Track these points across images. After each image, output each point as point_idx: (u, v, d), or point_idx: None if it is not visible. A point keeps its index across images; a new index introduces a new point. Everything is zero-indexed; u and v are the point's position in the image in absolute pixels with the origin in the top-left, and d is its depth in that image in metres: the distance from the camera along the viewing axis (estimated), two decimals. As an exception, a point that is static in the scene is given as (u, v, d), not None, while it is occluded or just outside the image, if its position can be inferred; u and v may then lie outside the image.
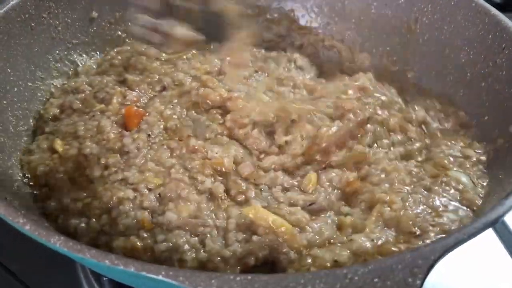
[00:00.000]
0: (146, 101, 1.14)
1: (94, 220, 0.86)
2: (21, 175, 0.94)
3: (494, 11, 1.07)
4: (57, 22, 1.17)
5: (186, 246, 0.80)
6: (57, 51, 1.18)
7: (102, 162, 0.96)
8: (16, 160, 0.96)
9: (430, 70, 1.23)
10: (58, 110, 1.10)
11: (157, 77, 1.19)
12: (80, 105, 1.11)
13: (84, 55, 1.27)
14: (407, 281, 0.56)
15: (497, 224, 0.80)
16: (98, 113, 1.08)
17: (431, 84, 1.22)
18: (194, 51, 1.30)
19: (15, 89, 1.03)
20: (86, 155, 0.98)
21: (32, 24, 1.09)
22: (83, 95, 1.13)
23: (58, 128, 1.05)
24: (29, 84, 1.09)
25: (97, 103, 1.11)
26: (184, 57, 1.28)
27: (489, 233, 1.13)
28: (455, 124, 1.10)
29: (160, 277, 0.55)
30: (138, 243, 0.81)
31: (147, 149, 1.00)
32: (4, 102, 0.99)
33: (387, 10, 1.34)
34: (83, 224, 0.86)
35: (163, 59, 1.27)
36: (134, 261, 0.57)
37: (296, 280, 0.55)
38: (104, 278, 1.00)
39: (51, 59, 1.16)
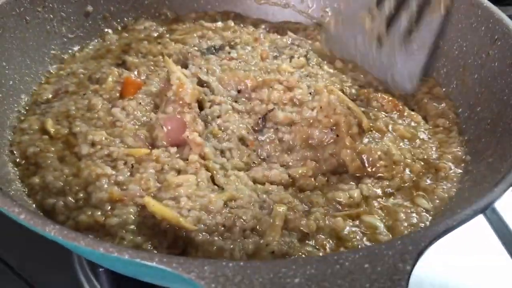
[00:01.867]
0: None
1: (70, 198, 0.86)
2: (9, 152, 0.95)
3: (486, 3, 1.08)
4: (52, 16, 1.17)
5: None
6: (52, 46, 1.19)
7: (89, 139, 0.96)
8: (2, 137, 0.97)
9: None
10: (51, 95, 1.11)
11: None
12: (75, 88, 1.12)
13: (80, 49, 1.28)
14: (397, 267, 0.56)
15: (487, 211, 0.81)
16: (90, 92, 1.09)
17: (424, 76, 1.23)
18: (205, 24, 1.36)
19: (11, 83, 1.04)
20: (75, 134, 0.99)
21: (27, 18, 1.10)
22: (78, 79, 1.14)
23: (50, 110, 1.06)
24: (25, 78, 1.09)
25: (91, 84, 1.12)
26: (195, 35, 1.31)
27: (480, 219, 1.14)
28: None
29: (154, 264, 0.55)
30: (101, 218, 0.82)
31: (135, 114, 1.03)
32: (0, 95, 1.00)
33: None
34: (61, 202, 0.85)
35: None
36: (128, 248, 0.57)
37: (288, 265, 0.56)
38: (100, 269, 1.01)
39: (46, 53, 1.17)
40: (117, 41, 1.31)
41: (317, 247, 0.78)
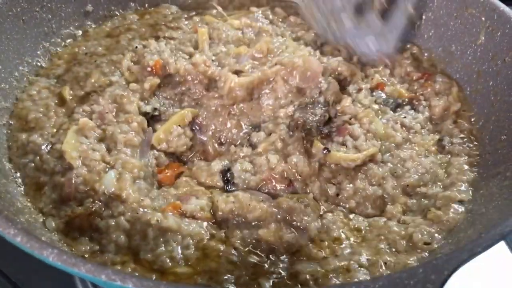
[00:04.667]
0: None
1: (38, 158, 0.90)
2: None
3: (503, 7, 1.03)
4: (50, 16, 1.12)
5: None
6: (51, 48, 1.14)
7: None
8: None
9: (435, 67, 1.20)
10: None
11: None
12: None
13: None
14: (420, 297, 0.53)
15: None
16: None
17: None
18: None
19: (7, 86, 0.99)
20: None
21: (24, 18, 1.05)
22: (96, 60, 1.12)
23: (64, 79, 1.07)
24: (21, 81, 1.04)
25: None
26: None
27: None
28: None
29: (159, 294, 0.52)
30: None
31: None
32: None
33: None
34: (32, 164, 0.89)
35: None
36: (131, 276, 0.54)
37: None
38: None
39: (44, 55, 1.12)
40: (139, 21, 1.29)
41: None
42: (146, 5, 1.34)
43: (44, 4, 1.10)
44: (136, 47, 1.11)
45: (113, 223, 0.79)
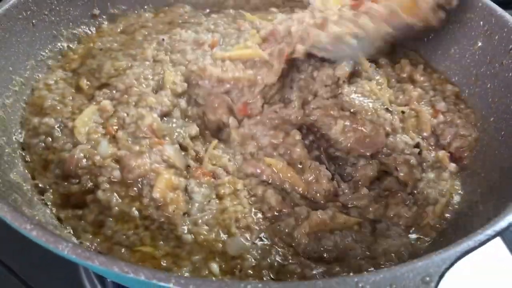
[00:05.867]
0: None
1: (49, 138, 0.95)
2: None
3: (500, 11, 1.06)
4: (58, 19, 1.15)
5: None
6: (58, 49, 1.16)
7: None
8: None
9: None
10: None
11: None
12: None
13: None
14: (420, 290, 0.56)
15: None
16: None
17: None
18: None
19: (17, 88, 1.02)
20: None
21: (34, 21, 1.08)
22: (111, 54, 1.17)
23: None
24: (31, 82, 1.07)
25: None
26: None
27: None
28: None
29: (171, 285, 0.54)
30: None
31: None
32: (7, 101, 0.98)
33: (392, 9, 1.33)
34: (43, 144, 0.94)
35: None
36: (143, 268, 0.56)
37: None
38: (108, 280, 0.99)
39: (52, 57, 1.14)
40: (154, 18, 1.33)
41: None
42: (153, 7, 1.37)
43: (52, 8, 1.12)
44: (163, 39, 1.16)
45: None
